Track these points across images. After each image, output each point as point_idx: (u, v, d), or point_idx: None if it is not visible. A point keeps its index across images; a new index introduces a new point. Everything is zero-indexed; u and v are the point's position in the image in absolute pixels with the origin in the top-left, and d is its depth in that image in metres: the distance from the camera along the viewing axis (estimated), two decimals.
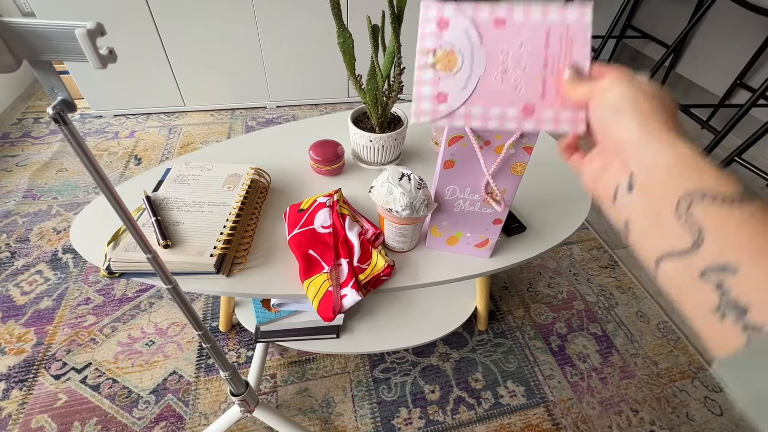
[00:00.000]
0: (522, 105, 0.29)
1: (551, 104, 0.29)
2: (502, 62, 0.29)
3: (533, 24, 0.29)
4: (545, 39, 0.29)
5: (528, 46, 0.29)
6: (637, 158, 0.22)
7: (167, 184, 0.63)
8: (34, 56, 0.25)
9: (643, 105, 0.23)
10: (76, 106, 0.28)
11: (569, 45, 0.29)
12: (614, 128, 0.24)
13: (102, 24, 0.24)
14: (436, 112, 0.30)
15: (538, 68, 0.29)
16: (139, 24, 1.41)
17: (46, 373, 0.85)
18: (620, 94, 0.24)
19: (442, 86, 0.30)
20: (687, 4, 1.94)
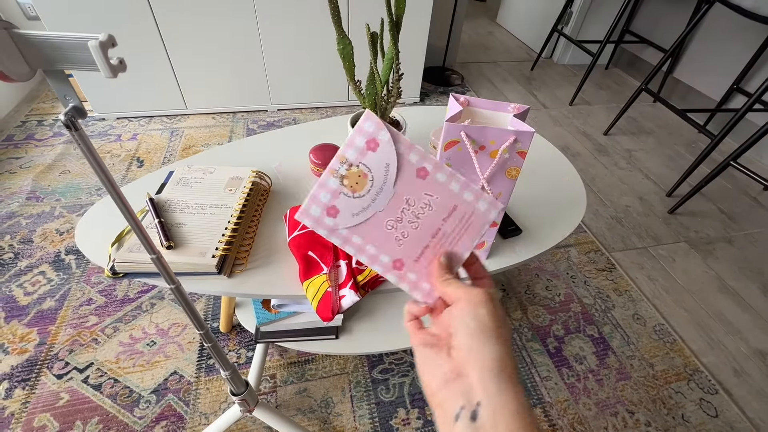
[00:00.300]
0: (396, 257, 0.29)
1: (419, 270, 0.29)
2: (401, 211, 0.28)
3: (448, 192, 0.28)
4: (449, 211, 0.29)
5: (431, 209, 0.28)
6: (486, 394, 0.22)
7: (170, 187, 0.64)
8: (48, 66, 0.26)
9: (505, 338, 0.24)
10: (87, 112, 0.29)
11: (463, 229, 0.29)
12: (475, 353, 0.24)
13: (113, 36, 0.25)
14: (320, 222, 0.29)
15: (427, 234, 0.29)
16: (142, 28, 1.43)
17: (49, 372, 0.86)
18: (487, 316, 0.25)
19: (338, 202, 0.28)
20: (684, 9, 1.96)
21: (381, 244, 0.28)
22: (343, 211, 0.28)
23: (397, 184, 0.28)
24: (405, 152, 0.28)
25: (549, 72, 2.37)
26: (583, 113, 1.98)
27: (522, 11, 2.73)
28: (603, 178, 1.56)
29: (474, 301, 0.25)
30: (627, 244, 1.28)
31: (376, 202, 0.28)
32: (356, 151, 0.28)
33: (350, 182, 0.28)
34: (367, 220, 0.28)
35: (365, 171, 0.28)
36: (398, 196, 0.28)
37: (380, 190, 0.28)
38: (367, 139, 0.28)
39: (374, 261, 0.28)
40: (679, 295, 1.14)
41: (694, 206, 1.45)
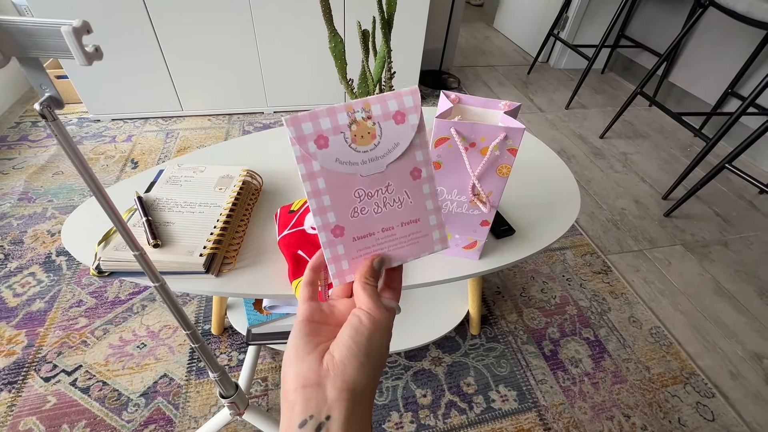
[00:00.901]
0: (341, 224, 0.27)
1: (349, 249, 0.27)
2: (377, 190, 0.27)
3: (422, 204, 0.28)
4: (410, 220, 0.28)
5: (399, 207, 0.28)
6: (339, 413, 0.22)
7: (159, 185, 0.63)
8: (22, 53, 0.26)
9: (380, 367, 0.24)
10: (64, 102, 0.28)
11: (409, 242, 0.28)
12: (348, 374, 0.23)
13: (88, 22, 0.25)
14: (303, 140, 0.26)
15: (381, 224, 0.28)
16: (138, 29, 1.42)
17: (36, 375, 0.85)
18: (379, 344, 0.24)
19: (334, 138, 0.26)
20: (679, 14, 1.97)
21: (338, 203, 0.27)
22: (330, 149, 0.26)
23: (391, 166, 0.27)
24: (417, 146, 0.27)
25: (545, 76, 2.38)
26: (579, 117, 1.99)
27: (519, 16, 2.75)
28: (599, 181, 1.56)
29: (376, 323, 0.24)
30: (623, 247, 1.28)
31: (364, 166, 0.26)
32: (383, 111, 0.26)
33: (358, 131, 0.26)
34: (345, 174, 0.26)
35: (377, 132, 0.26)
36: (384, 176, 0.27)
37: (374, 159, 0.26)
38: (399, 110, 0.26)
39: (322, 212, 0.26)
40: (675, 298, 1.13)
41: (690, 209, 1.45)
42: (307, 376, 0.23)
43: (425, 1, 1.57)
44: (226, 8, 1.44)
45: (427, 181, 0.28)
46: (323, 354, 0.24)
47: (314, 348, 0.24)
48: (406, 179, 0.27)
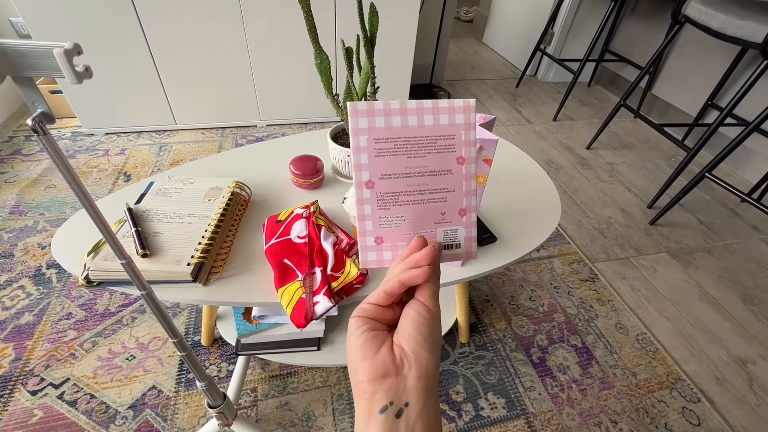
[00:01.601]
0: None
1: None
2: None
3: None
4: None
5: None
6: (417, 399, 0.24)
7: (149, 197, 0.65)
8: (16, 73, 0.28)
9: (440, 351, 0.27)
10: (55, 118, 0.30)
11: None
12: (422, 362, 0.25)
13: (79, 44, 0.27)
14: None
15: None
16: (133, 44, 1.45)
17: (23, 389, 0.84)
18: (439, 331, 0.27)
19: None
20: (659, 30, 2.05)
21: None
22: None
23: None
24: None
25: (533, 89, 2.44)
26: (566, 128, 2.03)
27: (507, 31, 2.83)
28: (586, 191, 1.59)
29: (434, 314, 0.27)
30: (609, 255, 1.30)
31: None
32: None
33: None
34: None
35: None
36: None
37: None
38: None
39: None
40: (661, 305, 1.15)
41: (675, 217, 1.49)
42: (385, 368, 0.24)
43: (414, 18, 1.62)
44: (219, 24, 1.47)
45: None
46: (391, 347, 0.26)
47: (381, 343, 0.26)
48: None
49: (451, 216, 0.31)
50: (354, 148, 0.29)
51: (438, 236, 0.31)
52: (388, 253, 0.31)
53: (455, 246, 0.32)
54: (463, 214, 0.31)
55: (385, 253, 0.31)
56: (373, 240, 0.30)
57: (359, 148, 0.29)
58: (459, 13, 3.68)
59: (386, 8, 1.54)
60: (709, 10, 1.28)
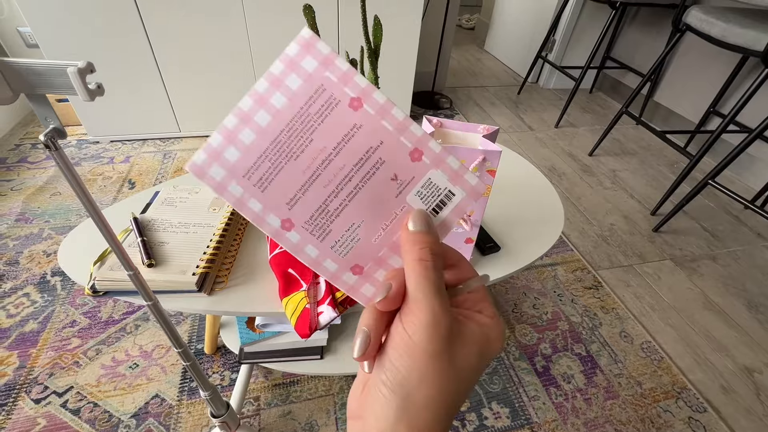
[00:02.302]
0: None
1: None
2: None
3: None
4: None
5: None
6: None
7: (155, 207, 0.65)
8: (30, 90, 0.28)
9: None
10: (67, 133, 0.31)
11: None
12: (391, 401, 0.17)
13: (92, 63, 0.27)
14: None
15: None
16: (138, 52, 1.47)
17: (27, 397, 0.84)
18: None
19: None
20: (661, 37, 2.06)
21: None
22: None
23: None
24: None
25: (535, 96, 2.45)
26: (568, 135, 2.04)
27: (508, 39, 2.85)
28: (588, 198, 1.59)
29: (494, 329, 0.19)
30: (613, 262, 1.30)
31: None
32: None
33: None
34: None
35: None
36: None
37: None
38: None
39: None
40: (666, 313, 1.15)
41: (678, 225, 1.48)
42: (351, 406, 0.20)
43: (417, 26, 1.64)
44: (224, 34, 1.49)
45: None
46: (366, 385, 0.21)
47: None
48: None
49: (406, 172, 0.21)
50: (234, 204, 0.21)
51: (414, 204, 0.22)
52: (379, 273, 0.22)
53: (447, 198, 0.22)
54: (418, 157, 0.21)
55: (376, 275, 0.22)
56: (351, 275, 0.22)
57: (238, 200, 0.21)
58: (461, 21, 3.71)
59: (389, 17, 1.55)
60: (709, 18, 1.28)
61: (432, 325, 0.17)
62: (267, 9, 1.47)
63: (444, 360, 0.17)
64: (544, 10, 2.39)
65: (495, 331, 0.19)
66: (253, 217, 0.21)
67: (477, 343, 0.19)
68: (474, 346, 0.18)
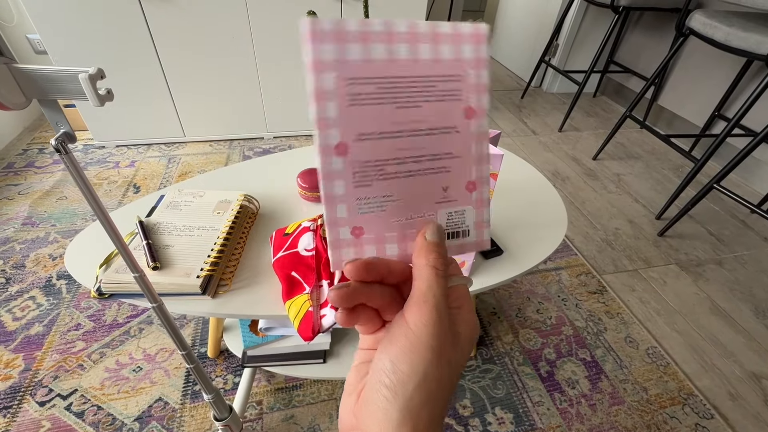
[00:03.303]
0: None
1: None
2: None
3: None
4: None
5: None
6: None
7: (160, 210, 0.66)
8: (42, 96, 0.29)
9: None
10: (76, 137, 0.31)
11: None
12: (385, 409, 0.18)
13: (102, 69, 0.28)
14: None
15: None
16: (144, 59, 1.49)
17: (31, 399, 0.85)
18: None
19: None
20: (664, 41, 2.06)
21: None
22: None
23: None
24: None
25: (538, 100, 2.45)
26: (572, 139, 2.04)
27: (511, 43, 2.86)
28: (593, 202, 1.59)
29: (427, 340, 0.18)
30: (618, 267, 1.29)
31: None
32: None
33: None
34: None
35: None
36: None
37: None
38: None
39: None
40: (671, 318, 1.14)
41: (684, 229, 1.47)
42: (342, 418, 0.21)
43: None
44: (228, 40, 1.51)
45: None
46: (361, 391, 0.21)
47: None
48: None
49: (456, 192, 0.22)
50: (314, 91, 0.19)
51: (440, 219, 0.22)
52: (370, 248, 0.22)
53: (462, 234, 0.23)
54: (472, 189, 0.22)
55: (367, 248, 0.21)
56: (348, 231, 0.21)
57: (323, 92, 0.19)
58: None
59: None
60: (713, 22, 1.28)
61: (437, 324, 0.18)
62: (272, 16, 1.49)
63: (444, 356, 0.18)
64: (547, 14, 2.40)
65: (472, 326, 0.21)
66: (319, 117, 0.19)
67: (464, 338, 0.20)
68: (462, 342, 0.20)
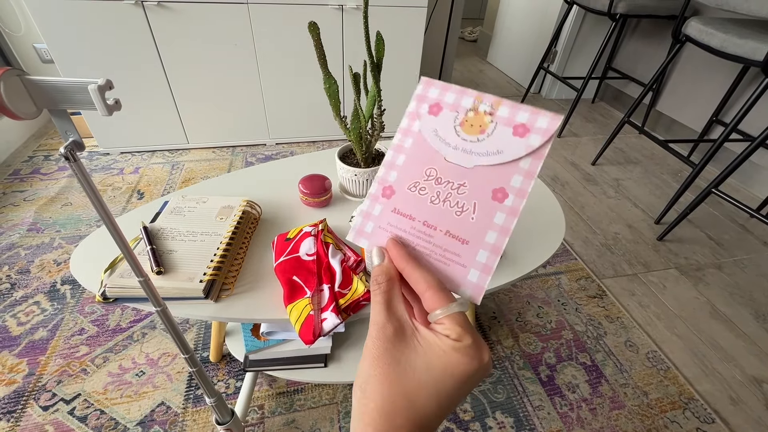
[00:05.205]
0: (401, 189, 0.26)
1: (385, 213, 0.26)
2: (451, 185, 0.25)
3: (484, 229, 0.25)
4: (463, 239, 0.25)
5: (458, 215, 0.25)
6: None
7: (164, 216, 0.67)
8: (52, 106, 0.30)
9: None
10: (85, 146, 0.32)
11: (446, 262, 0.25)
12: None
13: (110, 80, 0.29)
14: (421, 99, 0.26)
15: (436, 221, 0.25)
16: (149, 67, 1.52)
17: (35, 404, 0.85)
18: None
19: (444, 113, 0.25)
20: (661, 48, 2.08)
21: (408, 168, 0.25)
22: (437, 120, 0.25)
23: (479, 169, 0.24)
24: (520, 169, 0.24)
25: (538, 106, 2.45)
26: (571, 144, 2.05)
27: (511, 50, 2.89)
28: (592, 207, 1.59)
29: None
30: (617, 271, 1.30)
31: (455, 152, 0.24)
32: (509, 115, 0.24)
33: (471, 119, 0.24)
34: (431, 149, 0.25)
35: (488, 130, 0.24)
36: (466, 173, 0.24)
37: (468, 153, 0.24)
38: (525, 123, 0.24)
39: (389, 167, 0.25)
40: (671, 322, 1.14)
41: (683, 233, 1.48)
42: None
43: (420, 39, 1.67)
44: (231, 48, 1.54)
45: (507, 210, 0.24)
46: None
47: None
48: (486, 193, 0.24)
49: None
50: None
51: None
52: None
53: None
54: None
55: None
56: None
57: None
58: (463, 34, 3.77)
59: (392, 31, 1.59)
60: (708, 29, 1.30)
61: (378, 334, 0.21)
62: (274, 24, 1.51)
63: (385, 363, 0.20)
64: (546, 21, 2.43)
65: (453, 348, 0.21)
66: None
67: (433, 359, 0.21)
68: (429, 362, 0.20)
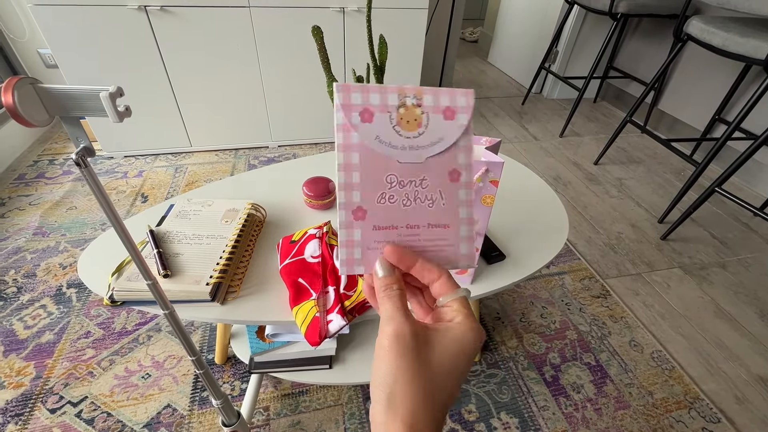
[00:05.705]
0: (365, 206, 0.25)
1: (368, 239, 0.25)
2: (411, 182, 0.25)
3: (454, 210, 0.26)
4: (439, 225, 0.26)
5: (429, 207, 0.26)
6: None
7: (170, 219, 0.68)
8: (64, 113, 0.31)
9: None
10: (96, 152, 0.33)
11: (432, 251, 0.26)
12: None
13: (121, 87, 0.30)
14: (348, 108, 0.25)
15: (406, 220, 0.25)
16: (152, 71, 1.53)
17: (43, 407, 0.86)
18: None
19: (379, 114, 0.25)
20: (662, 47, 2.07)
21: (368, 183, 0.25)
22: (373, 125, 0.24)
23: (430, 160, 0.25)
24: (461, 147, 0.25)
25: (539, 106, 2.47)
26: (573, 144, 2.05)
27: (512, 50, 2.89)
28: (595, 206, 1.59)
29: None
30: (621, 271, 1.30)
31: (404, 152, 0.25)
32: (433, 102, 0.25)
33: (405, 115, 0.25)
34: (381, 155, 0.25)
35: (423, 122, 0.25)
36: (422, 168, 0.25)
37: (415, 148, 0.25)
38: (450, 106, 0.25)
39: (348, 188, 0.24)
40: (676, 321, 1.14)
41: (686, 232, 1.47)
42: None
43: (421, 40, 1.68)
44: (233, 51, 1.54)
45: (464, 186, 0.26)
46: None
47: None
48: (443, 179, 0.26)
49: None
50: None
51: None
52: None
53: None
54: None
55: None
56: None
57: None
58: (464, 34, 3.78)
59: (393, 33, 1.59)
60: (710, 28, 1.30)
61: (396, 333, 0.22)
62: (276, 27, 1.52)
63: (410, 358, 0.22)
64: (547, 21, 2.43)
65: (463, 330, 0.24)
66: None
67: (449, 344, 0.23)
68: (446, 348, 0.23)
